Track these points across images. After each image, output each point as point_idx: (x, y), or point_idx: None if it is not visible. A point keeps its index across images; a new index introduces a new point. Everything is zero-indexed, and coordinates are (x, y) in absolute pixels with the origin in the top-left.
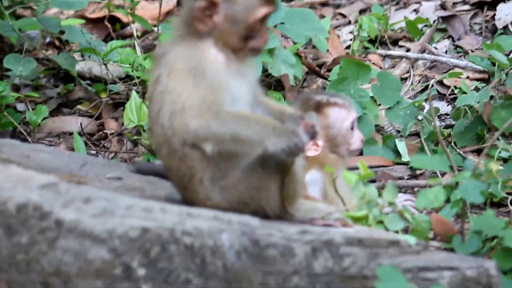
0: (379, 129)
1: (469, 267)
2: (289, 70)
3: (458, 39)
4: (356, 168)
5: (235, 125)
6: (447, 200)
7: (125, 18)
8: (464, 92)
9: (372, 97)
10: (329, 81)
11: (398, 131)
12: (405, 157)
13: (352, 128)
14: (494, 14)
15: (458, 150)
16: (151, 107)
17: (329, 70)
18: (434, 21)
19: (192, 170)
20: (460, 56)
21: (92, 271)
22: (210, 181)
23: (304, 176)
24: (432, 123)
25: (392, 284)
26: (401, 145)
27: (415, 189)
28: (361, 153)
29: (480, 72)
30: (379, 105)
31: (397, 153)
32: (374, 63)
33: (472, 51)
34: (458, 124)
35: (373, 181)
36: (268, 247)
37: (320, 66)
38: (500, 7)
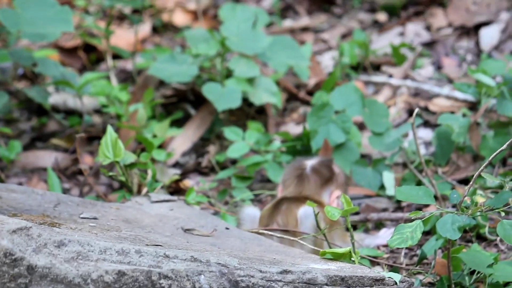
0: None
1: None
2: (271, 98)
3: (441, 65)
4: None
5: None
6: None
7: (100, 47)
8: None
9: (354, 123)
10: (312, 105)
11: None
12: (390, 191)
13: None
14: (478, 38)
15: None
16: None
17: (311, 94)
18: (419, 46)
19: None
20: (440, 81)
21: None
22: None
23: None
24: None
25: None
26: (388, 177)
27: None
28: None
29: (464, 101)
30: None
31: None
32: None
33: (458, 78)
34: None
35: (357, 213)
36: None
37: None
38: (484, 31)
